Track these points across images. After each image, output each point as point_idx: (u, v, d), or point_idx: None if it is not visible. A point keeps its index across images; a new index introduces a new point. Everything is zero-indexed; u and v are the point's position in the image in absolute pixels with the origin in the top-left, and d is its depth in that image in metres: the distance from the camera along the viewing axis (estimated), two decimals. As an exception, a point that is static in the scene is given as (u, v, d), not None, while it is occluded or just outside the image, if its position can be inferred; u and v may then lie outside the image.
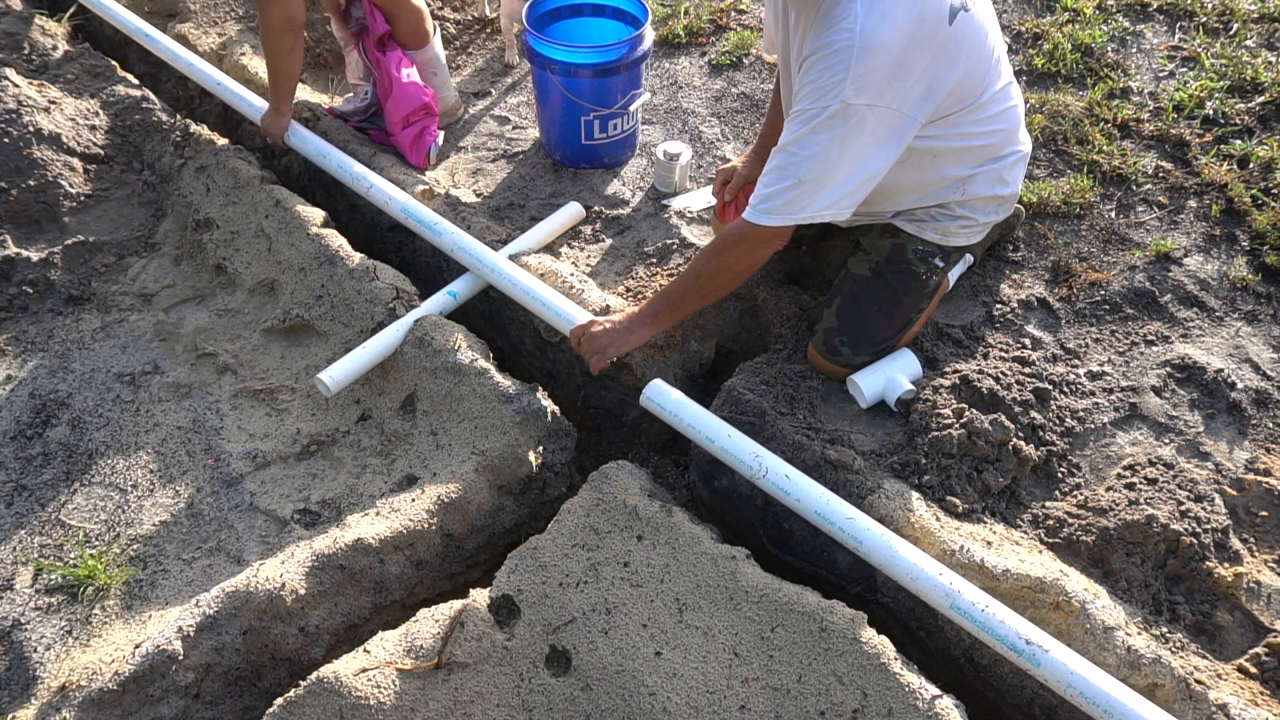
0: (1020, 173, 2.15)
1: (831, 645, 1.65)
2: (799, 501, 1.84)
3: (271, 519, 2.06)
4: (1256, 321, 2.28)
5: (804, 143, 1.76)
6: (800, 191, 1.80)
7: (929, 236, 2.12)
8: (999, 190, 2.11)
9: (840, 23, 1.69)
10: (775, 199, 1.83)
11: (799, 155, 1.78)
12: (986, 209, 2.14)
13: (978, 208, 2.12)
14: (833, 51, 1.69)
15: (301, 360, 2.41)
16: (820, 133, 1.74)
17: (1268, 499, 1.93)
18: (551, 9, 2.84)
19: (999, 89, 1.97)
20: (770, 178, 1.84)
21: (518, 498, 2.10)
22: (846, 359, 2.08)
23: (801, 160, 1.78)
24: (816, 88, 1.73)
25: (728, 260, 1.97)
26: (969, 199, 2.08)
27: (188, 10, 3.56)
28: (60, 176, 2.77)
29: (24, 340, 2.45)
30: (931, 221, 2.12)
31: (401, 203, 2.55)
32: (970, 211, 2.11)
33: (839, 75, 1.69)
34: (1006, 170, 2.09)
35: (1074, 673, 1.56)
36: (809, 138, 1.75)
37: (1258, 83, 2.86)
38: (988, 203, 2.12)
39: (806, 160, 1.77)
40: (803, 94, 1.77)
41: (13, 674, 1.79)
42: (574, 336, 2.14)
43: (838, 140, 1.74)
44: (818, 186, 1.79)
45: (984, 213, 2.14)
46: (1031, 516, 1.92)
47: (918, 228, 2.13)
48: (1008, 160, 2.08)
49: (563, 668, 1.72)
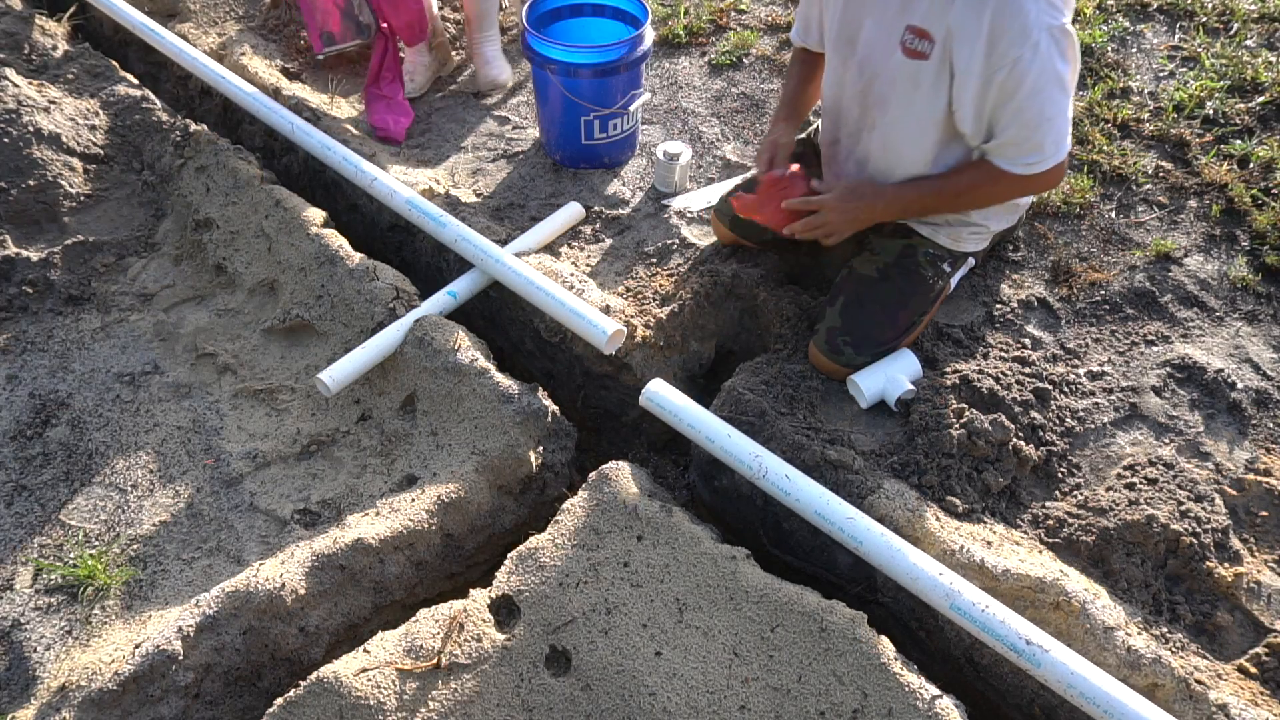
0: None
1: (831, 645, 1.65)
2: (799, 502, 1.84)
3: (271, 519, 2.06)
4: (1256, 321, 2.28)
5: (1036, 87, 1.78)
6: (1059, 124, 1.84)
7: (941, 240, 2.14)
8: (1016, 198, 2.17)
9: None
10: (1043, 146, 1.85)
11: (1038, 101, 1.79)
12: (1000, 217, 2.20)
13: (992, 215, 2.17)
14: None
15: (301, 360, 2.41)
16: (1047, 69, 1.76)
17: (1268, 499, 1.93)
18: (551, 9, 2.84)
19: None
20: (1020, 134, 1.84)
21: (518, 498, 2.10)
22: (849, 359, 2.08)
23: (1044, 103, 1.80)
24: (1018, 30, 1.73)
25: (997, 197, 2.03)
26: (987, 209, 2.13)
27: (188, 10, 3.56)
28: (60, 176, 2.77)
29: (24, 340, 2.45)
30: (946, 226, 2.14)
31: (406, 197, 2.55)
32: (985, 219, 2.16)
33: (1032, 7, 1.71)
34: None
35: (1074, 673, 1.56)
36: (1040, 80, 1.77)
37: (1258, 83, 2.86)
38: (1001, 211, 2.18)
39: (1047, 101, 1.80)
40: (1004, 43, 1.75)
41: (13, 674, 1.79)
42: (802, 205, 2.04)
43: (1059, 61, 1.77)
44: (1064, 110, 1.84)
45: (997, 220, 2.20)
46: (1031, 516, 1.92)
47: (932, 231, 2.14)
48: None
49: (563, 668, 1.72)
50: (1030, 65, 1.75)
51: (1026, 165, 1.89)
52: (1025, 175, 1.91)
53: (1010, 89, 1.80)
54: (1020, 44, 1.74)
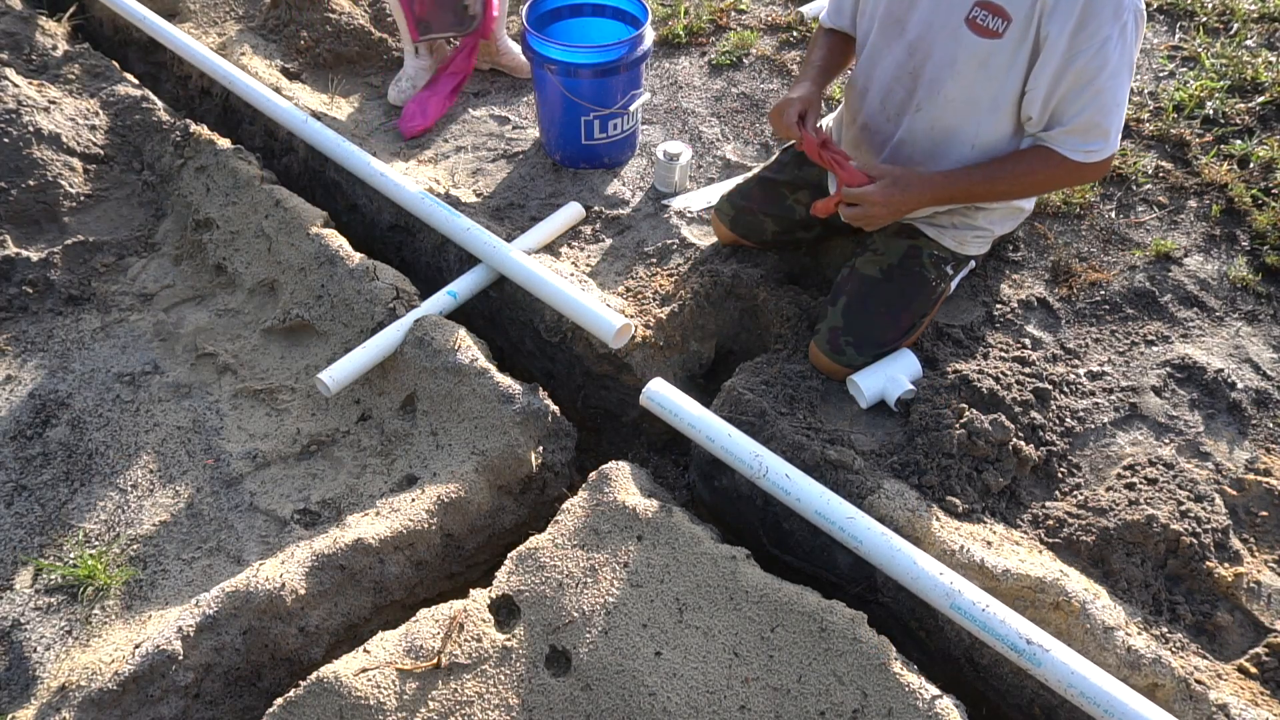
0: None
1: (831, 645, 1.65)
2: (799, 501, 1.84)
3: (271, 519, 2.06)
4: (1256, 321, 2.28)
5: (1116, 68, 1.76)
6: (1122, 111, 1.83)
7: (946, 242, 2.14)
8: (1020, 202, 2.18)
9: None
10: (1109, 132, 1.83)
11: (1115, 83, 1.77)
12: (1004, 221, 2.20)
13: (996, 219, 2.17)
14: None
15: (301, 360, 2.41)
16: (1126, 50, 1.75)
17: (1268, 499, 1.93)
18: (551, 9, 2.84)
19: None
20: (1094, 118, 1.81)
21: (518, 498, 2.10)
22: (850, 359, 2.08)
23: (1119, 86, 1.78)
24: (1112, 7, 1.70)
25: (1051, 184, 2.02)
26: (993, 209, 2.13)
27: (188, 10, 3.57)
28: (60, 176, 2.77)
29: (24, 340, 2.45)
30: (952, 229, 2.15)
31: (417, 190, 2.56)
32: (989, 223, 2.17)
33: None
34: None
35: (1074, 672, 1.56)
36: (1119, 60, 1.75)
37: (1258, 83, 2.86)
38: (1005, 215, 2.18)
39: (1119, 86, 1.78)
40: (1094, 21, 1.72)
41: (13, 674, 1.79)
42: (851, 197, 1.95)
43: (1133, 50, 1.76)
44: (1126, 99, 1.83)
45: (1000, 224, 2.20)
46: (1031, 516, 1.92)
47: (938, 233, 2.14)
48: None
49: (563, 668, 1.72)
50: (1116, 46, 1.73)
51: (1088, 152, 1.85)
52: (1084, 163, 1.86)
53: (1093, 71, 1.76)
54: (1111, 23, 1.71)
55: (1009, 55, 1.83)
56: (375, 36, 3.34)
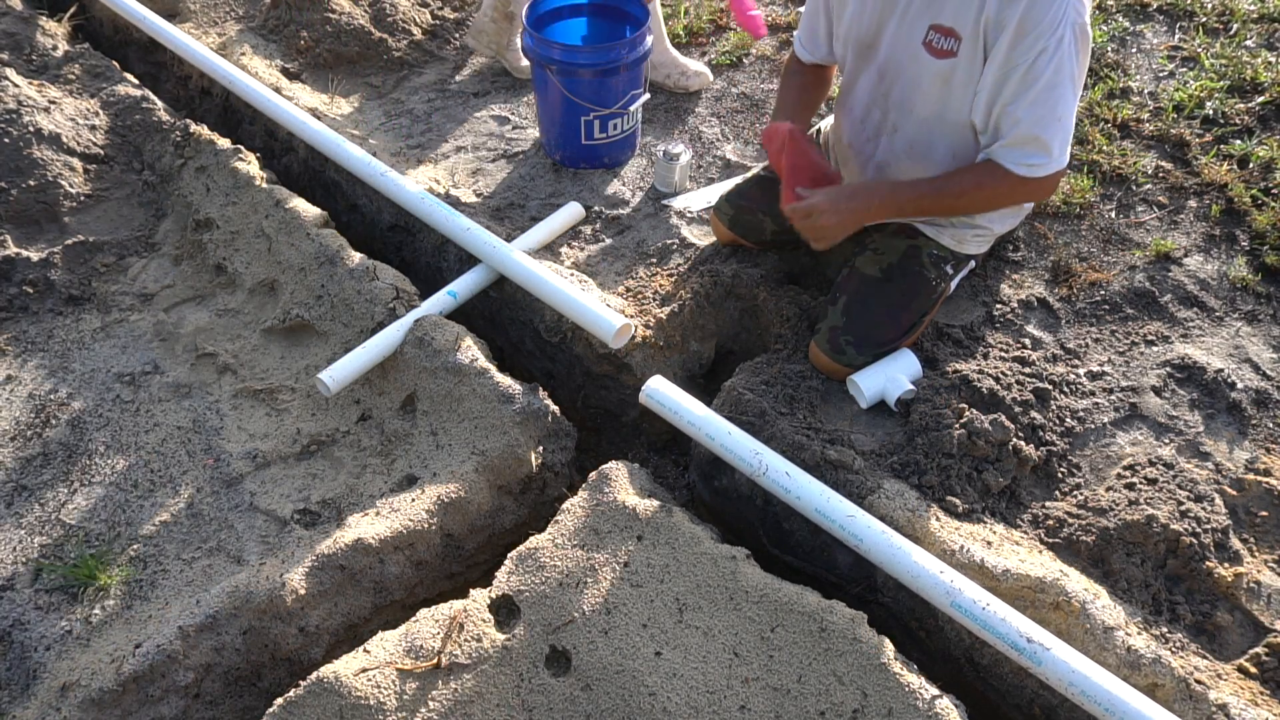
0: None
1: (831, 645, 1.65)
2: (799, 499, 1.84)
3: (271, 519, 2.06)
4: (1256, 321, 2.28)
5: (1056, 82, 1.76)
6: (1066, 127, 1.82)
7: (945, 242, 2.15)
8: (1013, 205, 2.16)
9: None
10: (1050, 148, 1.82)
11: (1053, 96, 1.77)
12: (1003, 219, 2.20)
13: (996, 218, 2.17)
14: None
15: (301, 360, 2.41)
16: (1066, 64, 1.74)
17: (1268, 499, 1.93)
18: (551, 9, 2.85)
19: None
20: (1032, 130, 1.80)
21: (518, 498, 2.10)
22: (850, 358, 2.08)
23: (1058, 100, 1.77)
24: (1049, 20, 1.70)
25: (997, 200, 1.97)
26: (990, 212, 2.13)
27: (188, 10, 3.57)
28: (60, 176, 2.77)
29: (24, 340, 2.45)
30: (950, 228, 2.15)
31: (417, 191, 2.56)
32: (989, 222, 2.17)
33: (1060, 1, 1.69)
34: None
35: (1075, 670, 1.56)
36: (1059, 75, 1.75)
37: (1258, 83, 2.86)
38: (1005, 214, 2.18)
39: (1062, 99, 1.78)
40: (1030, 35, 1.73)
41: (13, 674, 1.79)
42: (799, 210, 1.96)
43: (1079, 64, 1.76)
44: (1071, 115, 1.81)
45: (999, 222, 2.20)
46: (1031, 516, 1.92)
47: (936, 232, 2.15)
48: None
49: (563, 668, 1.72)
50: (1052, 59, 1.73)
51: (1031, 167, 1.86)
52: (1027, 178, 1.88)
53: (1029, 82, 1.77)
54: (1048, 36, 1.71)
55: (966, 72, 1.86)
56: (375, 36, 3.34)
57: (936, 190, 1.97)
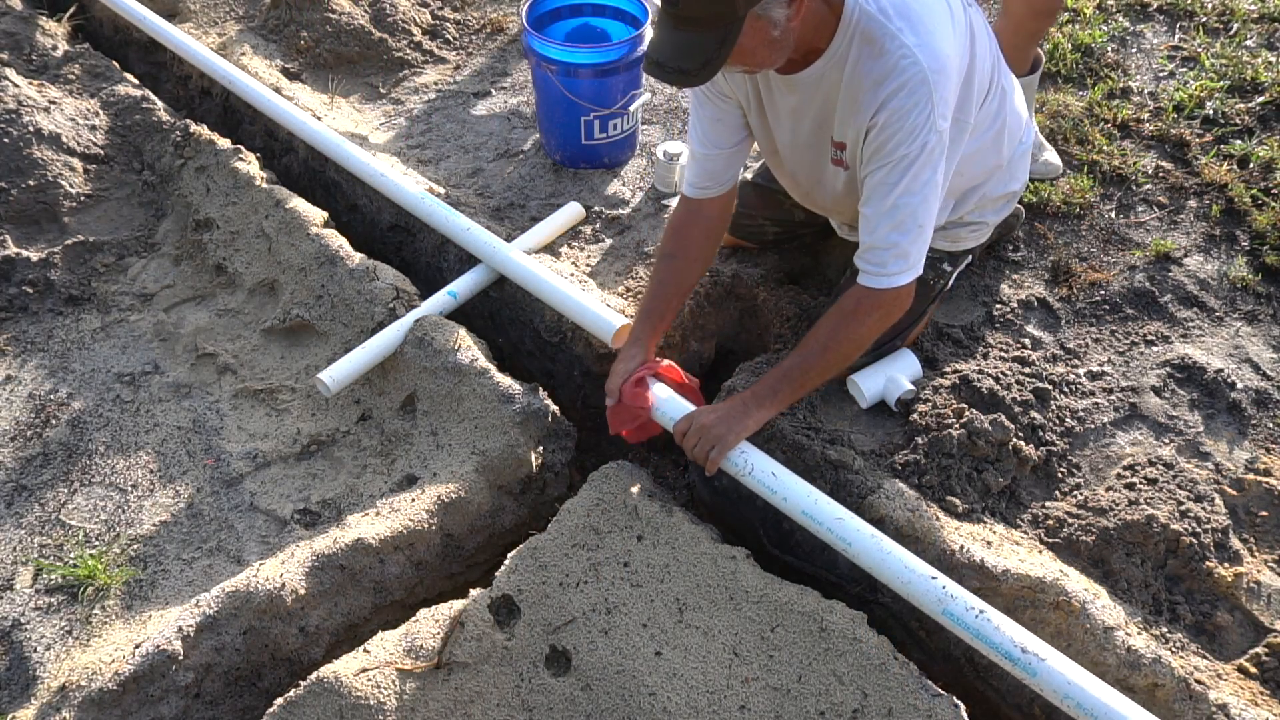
0: (1027, 165, 2.17)
1: (831, 645, 1.65)
2: (785, 501, 1.80)
3: (271, 519, 2.06)
4: (1256, 321, 2.28)
5: (912, 189, 1.69)
6: (924, 235, 1.76)
7: (938, 245, 2.12)
8: (1011, 187, 2.13)
9: (898, 60, 1.63)
10: (907, 256, 1.74)
11: (913, 202, 1.70)
12: (997, 208, 2.16)
13: (988, 210, 2.14)
14: (910, 89, 1.63)
15: (301, 360, 2.41)
16: (924, 171, 1.69)
17: (1268, 499, 1.93)
18: (551, 9, 2.84)
19: (1003, 75, 1.96)
20: (891, 237, 1.73)
21: (518, 498, 2.10)
22: (848, 360, 2.07)
23: (917, 206, 1.71)
24: (909, 128, 1.65)
25: (862, 330, 1.83)
26: (982, 204, 2.11)
27: (188, 10, 3.57)
28: (60, 176, 2.77)
29: (24, 340, 2.45)
30: (941, 230, 2.11)
31: (417, 191, 2.56)
32: (981, 216, 2.14)
33: (925, 109, 1.63)
34: (1015, 164, 2.11)
35: (1071, 682, 1.52)
36: (915, 182, 1.69)
37: (1258, 83, 2.86)
38: (997, 202, 2.14)
39: (921, 204, 1.71)
40: (892, 141, 1.68)
41: (13, 674, 1.79)
42: (679, 431, 1.89)
43: (935, 171, 1.70)
44: (931, 222, 1.76)
45: (994, 213, 2.16)
46: (1031, 516, 1.92)
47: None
48: (1017, 154, 2.10)
49: (563, 668, 1.72)
50: (911, 166, 1.68)
51: (890, 276, 1.76)
52: (885, 290, 1.77)
53: (887, 187, 1.71)
54: (908, 143, 1.67)
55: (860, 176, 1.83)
56: (375, 36, 3.34)
57: (801, 361, 1.86)
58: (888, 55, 1.64)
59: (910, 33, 1.63)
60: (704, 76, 1.59)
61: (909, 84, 1.63)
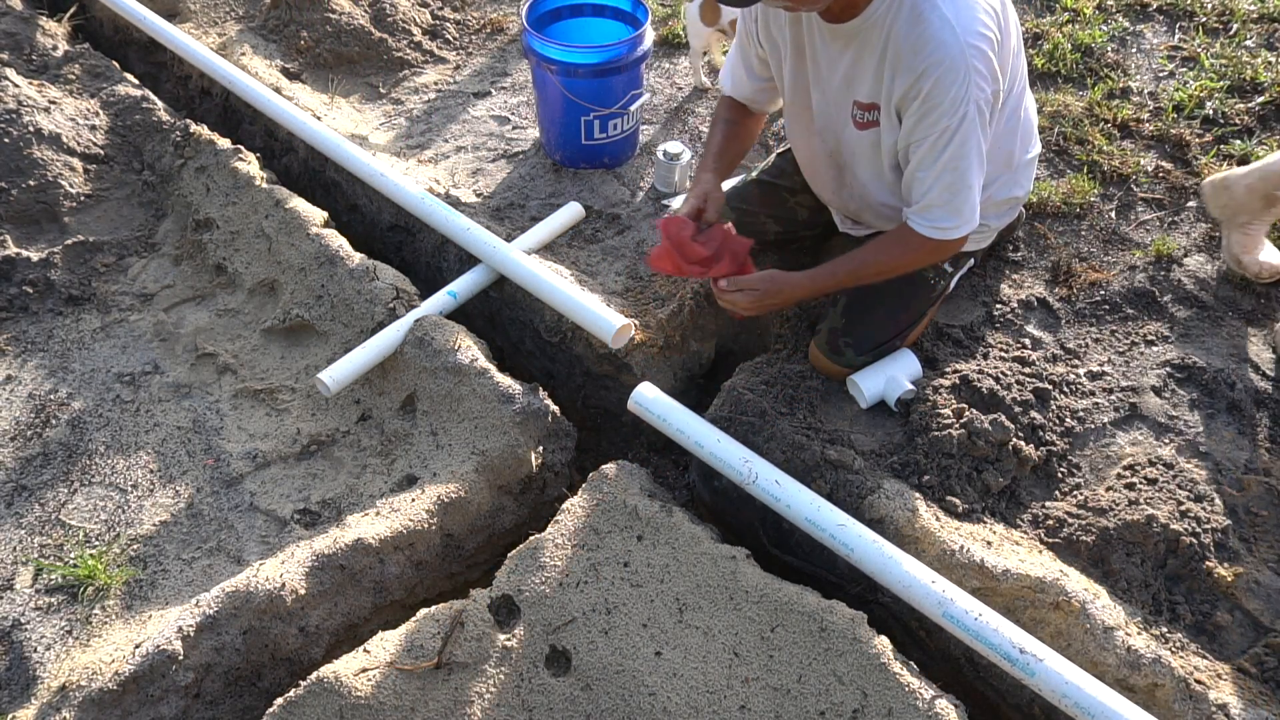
0: (1032, 173, 2.21)
1: (831, 645, 1.65)
2: (789, 508, 1.83)
3: (271, 519, 2.06)
4: (1256, 321, 2.28)
5: (959, 154, 1.78)
6: (975, 193, 1.85)
7: None
8: (1014, 193, 2.16)
9: (937, 29, 1.69)
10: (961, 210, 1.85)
11: (961, 165, 1.79)
12: (1000, 213, 2.19)
13: (991, 214, 2.15)
14: (949, 62, 1.69)
15: (301, 360, 2.41)
16: (970, 139, 1.77)
17: (1268, 499, 1.93)
18: (551, 9, 2.85)
19: (1022, 83, 2.00)
20: (942, 196, 1.83)
21: (518, 498, 2.10)
22: (849, 360, 2.08)
23: (966, 169, 1.80)
24: (950, 100, 1.72)
25: (905, 260, 1.97)
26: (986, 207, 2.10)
27: (188, 10, 3.57)
28: (60, 176, 2.77)
29: (24, 340, 2.45)
30: None
31: (417, 192, 2.56)
32: (985, 218, 2.13)
33: (963, 82, 1.70)
34: (1020, 171, 2.14)
35: (1069, 682, 1.55)
36: (964, 148, 1.78)
37: (1258, 83, 2.86)
38: (1001, 207, 2.17)
39: (969, 167, 1.80)
40: (935, 112, 1.75)
41: (13, 674, 1.79)
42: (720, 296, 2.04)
43: (980, 138, 1.78)
44: (979, 180, 1.85)
45: (996, 218, 2.19)
46: (1031, 516, 1.92)
47: None
48: (1025, 160, 2.13)
49: (563, 668, 1.72)
50: (955, 134, 1.76)
51: (941, 229, 1.88)
52: (938, 240, 1.89)
53: (935, 153, 1.80)
54: (949, 115, 1.74)
55: (890, 137, 1.90)
56: (375, 36, 3.34)
57: (853, 268, 2.00)
58: (927, 24, 1.69)
59: (949, 4, 1.69)
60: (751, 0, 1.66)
61: (948, 57, 1.69)
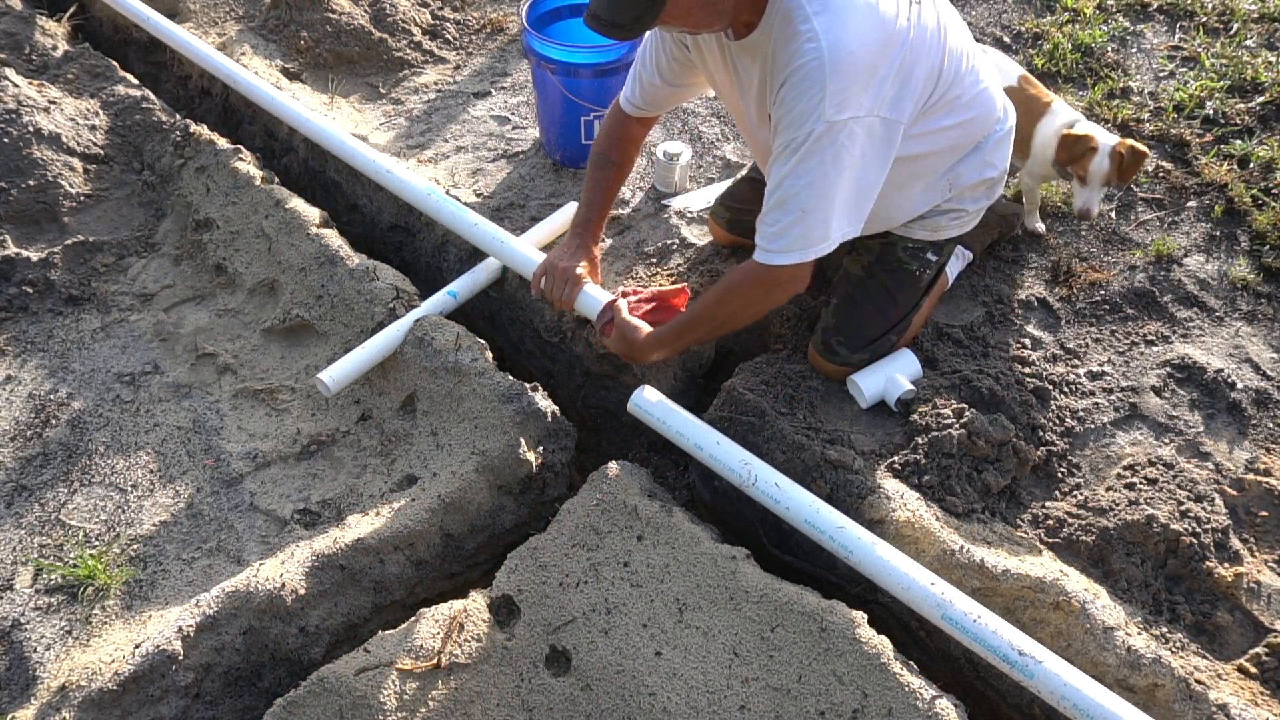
0: (1006, 150, 2.09)
1: (831, 645, 1.65)
2: (789, 510, 1.82)
3: (271, 519, 2.06)
4: (1256, 321, 2.28)
5: (798, 173, 1.70)
6: (809, 222, 1.74)
7: (918, 235, 2.10)
8: (986, 174, 2.05)
9: (802, 42, 1.63)
10: (785, 236, 1.76)
11: (796, 186, 1.71)
12: (975, 196, 2.09)
13: (966, 198, 2.08)
14: (804, 74, 1.63)
15: (301, 360, 2.41)
16: (811, 158, 1.68)
17: (1268, 499, 1.93)
18: (551, 9, 2.84)
19: (965, 71, 1.90)
20: (773, 216, 1.77)
21: (518, 498, 2.10)
22: (844, 358, 2.08)
23: (800, 190, 1.70)
24: (797, 114, 1.65)
25: (742, 304, 1.91)
26: (957, 192, 2.05)
27: (188, 10, 3.57)
28: (60, 176, 2.77)
29: (24, 340, 2.45)
30: (919, 220, 2.09)
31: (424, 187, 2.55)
32: (959, 204, 2.08)
33: (816, 96, 1.62)
34: (991, 152, 2.03)
35: (1067, 684, 1.54)
36: (801, 166, 1.69)
37: (1258, 83, 2.86)
38: (975, 189, 2.07)
39: (805, 189, 1.70)
40: (784, 124, 1.69)
41: (13, 674, 1.79)
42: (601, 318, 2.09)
43: (830, 161, 1.68)
44: (822, 212, 1.73)
45: (973, 201, 2.09)
46: (1031, 516, 1.92)
47: (906, 229, 2.10)
48: (990, 142, 2.02)
49: (563, 668, 1.72)
50: (799, 151, 1.68)
51: (768, 254, 1.79)
52: (765, 266, 1.80)
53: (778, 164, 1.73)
54: (795, 128, 1.67)
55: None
56: (375, 36, 3.34)
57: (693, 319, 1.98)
58: (796, 37, 1.64)
59: (822, 16, 1.62)
60: (636, 31, 1.64)
61: (803, 68, 1.63)
